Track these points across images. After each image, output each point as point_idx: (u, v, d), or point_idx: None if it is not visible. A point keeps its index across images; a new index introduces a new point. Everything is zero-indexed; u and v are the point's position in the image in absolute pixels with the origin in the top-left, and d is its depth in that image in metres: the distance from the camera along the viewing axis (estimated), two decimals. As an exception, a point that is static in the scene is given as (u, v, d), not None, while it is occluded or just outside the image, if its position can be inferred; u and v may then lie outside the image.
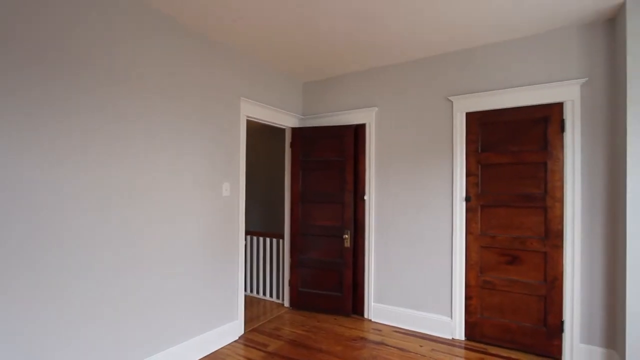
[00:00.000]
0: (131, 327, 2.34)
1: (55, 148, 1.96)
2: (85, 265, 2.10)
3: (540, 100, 2.77)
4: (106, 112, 2.19)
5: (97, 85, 2.15)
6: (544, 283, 2.79)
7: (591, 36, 2.62)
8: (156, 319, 2.49)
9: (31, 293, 1.87)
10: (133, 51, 2.34)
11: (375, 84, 3.60)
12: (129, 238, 2.32)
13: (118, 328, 2.27)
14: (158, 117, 2.50)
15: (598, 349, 2.61)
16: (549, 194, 2.75)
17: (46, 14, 1.92)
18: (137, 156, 2.37)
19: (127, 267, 2.31)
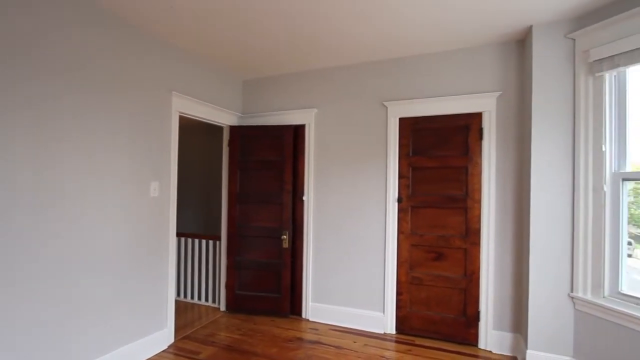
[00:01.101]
0: (41, 347, 2.07)
1: None
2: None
3: (463, 110, 3.01)
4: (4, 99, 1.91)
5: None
6: (464, 277, 3.05)
7: (506, 54, 2.92)
8: (69, 334, 2.24)
9: None
10: (50, 40, 2.07)
11: (315, 86, 3.63)
12: (32, 248, 2.05)
13: (26, 348, 1.99)
14: (68, 109, 2.25)
15: (507, 333, 2.92)
16: (469, 196, 3.01)
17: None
18: (43, 154, 2.11)
19: (31, 281, 2.04)
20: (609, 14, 2.25)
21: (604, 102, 2.30)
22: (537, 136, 2.57)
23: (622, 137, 2.28)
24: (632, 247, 3.05)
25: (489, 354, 2.92)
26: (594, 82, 2.34)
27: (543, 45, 2.56)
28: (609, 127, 2.30)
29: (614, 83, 2.30)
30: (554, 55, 2.52)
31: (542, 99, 2.56)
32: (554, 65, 2.52)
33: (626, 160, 2.27)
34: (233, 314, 3.74)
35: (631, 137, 2.25)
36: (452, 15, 2.48)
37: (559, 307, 2.53)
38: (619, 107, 2.28)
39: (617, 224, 2.29)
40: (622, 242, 2.28)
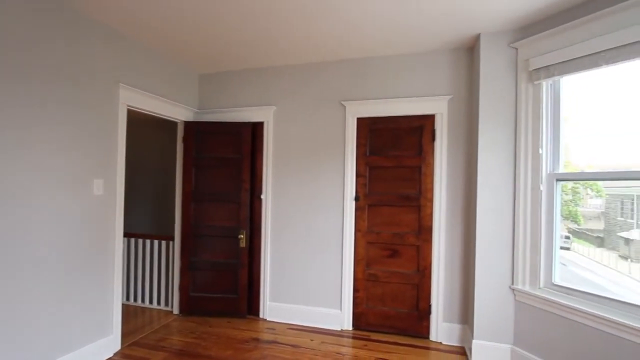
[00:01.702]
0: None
1: None
2: None
3: (418, 111, 3.12)
4: None
5: None
6: (417, 273, 3.17)
7: (457, 60, 3.06)
8: (3, 344, 2.03)
9: None
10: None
11: (275, 83, 3.58)
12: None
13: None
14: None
15: (456, 325, 3.07)
16: (423, 195, 3.13)
17: None
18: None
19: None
20: (546, 27, 2.43)
21: (541, 109, 2.49)
22: (483, 139, 2.73)
23: (556, 141, 2.48)
24: (570, 241, 3.35)
25: (439, 345, 3.06)
26: (533, 89, 2.53)
27: (489, 53, 2.71)
28: (545, 131, 2.49)
29: (550, 91, 2.49)
30: (498, 63, 2.69)
31: (488, 104, 2.71)
32: (499, 72, 2.69)
33: (559, 162, 2.47)
34: (187, 317, 3.60)
35: (563, 141, 2.45)
36: (408, 21, 2.55)
37: (502, 298, 2.70)
38: (554, 114, 2.48)
39: (551, 220, 2.49)
40: (555, 238, 2.48)
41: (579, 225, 3.24)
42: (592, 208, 3.20)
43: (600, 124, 2.58)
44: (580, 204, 3.18)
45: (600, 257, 3.13)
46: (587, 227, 3.25)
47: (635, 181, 2.63)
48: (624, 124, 2.39)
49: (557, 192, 2.47)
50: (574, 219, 3.23)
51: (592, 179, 2.53)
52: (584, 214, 3.21)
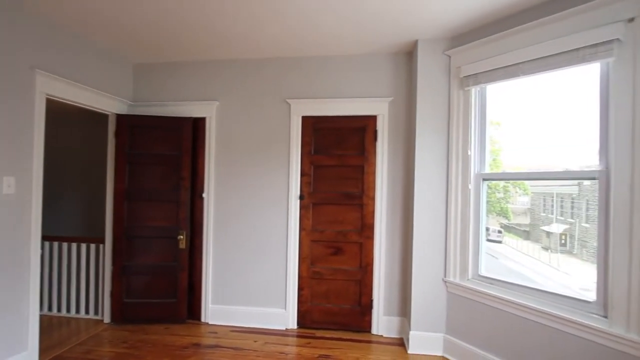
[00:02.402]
0: None
1: None
2: None
3: (361, 112, 3.19)
4: None
5: None
6: (359, 269, 3.25)
7: (398, 63, 3.18)
8: None
9: None
10: None
11: (218, 77, 3.45)
12: None
13: None
14: None
15: (395, 318, 3.21)
16: (365, 193, 3.22)
17: None
18: None
19: None
20: (475, 38, 2.61)
21: (470, 113, 2.68)
22: (420, 140, 2.87)
23: (483, 144, 2.68)
24: (502, 235, 3.66)
25: (380, 338, 3.18)
26: (464, 95, 2.71)
27: (426, 58, 2.86)
28: (473, 135, 2.69)
29: (478, 97, 2.69)
30: (434, 68, 2.84)
31: (425, 107, 2.86)
32: (435, 77, 2.84)
33: (485, 163, 2.68)
34: (120, 326, 3.34)
35: (489, 144, 2.67)
36: (352, 24, 2.60)
37: (436, 290, 2.88)
38: (481, 118, 2.68)
39: (478, 217, 2.69)
40: (481, 233, 2.69)
41: (509, 221, 3.56)
42: (520, 205, 3.54)
43: (524, 129, 2.86)
44: (511, 201, 3.50)
45: (526, 249, 3.47)
46: (516, 222, 3.58)
47: (553, 181, 2.96)
48: (543, 129, 2.67)
49: (483, 191, 2.68)
50: (505, 214, 3.54)
51: (512, 179, 2.78)
52: (513, 210, 3.53)
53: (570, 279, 2.93)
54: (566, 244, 3.09)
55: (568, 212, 2.98)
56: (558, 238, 3.10)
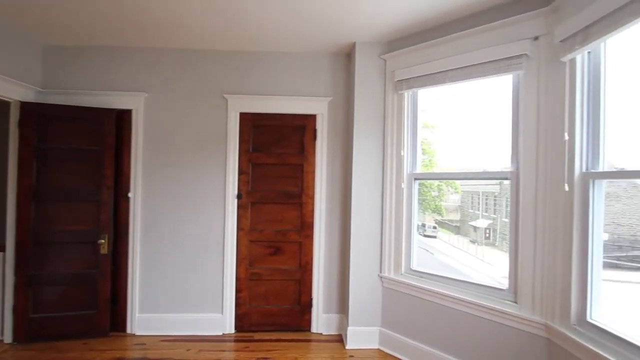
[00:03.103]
0: None
1: None
2: None
3: (301, 110, 3.19)
4: None
5: None
6: (299, 269, 3.24)
7: (337, 63, 3.23)
8: None
9: None
10: None
11: (147, 66, 3.18)
12: None
13: None
14: None
15: (334, 315, 3.26)
16: (305, 192, 3.22)
17: None
18: None
19: None
20: (408, 44, 2.75)
21: (404, 116, 2.82)
22: (357, 141, 2.95)
23: (415, 145, 2.84)
24: (436, 230, 3.93)
25: (320, 336, 3.20)
26: (398, 98, 2.84)
27: (363, 61, 2.94)
28: (406, 136, 2.83)
29: (410, 101, 2.84)
30: (371, 71, 2.94)
31: (362, 108, 2.94)
32: (371, 80, 2.94)
33: (417, 163, 2.84)
34: (26, 345, 2.91)
35: (420, 145, 2.84)
36: (293, 22, 2.57)
37: (372, 286, 2.98)
38: (413, 121, 2.84)
39: (410, 214, 2.84)
40: (413, 229, 2.85)
41: (443, 217, 3.86)
42: (452, 202, 3.85)
43: (456, 133, 3.11)
44: (444, 199, 3.79)
45: (457, 243, 3.78)
46: (449, 218, 3.89)
47: (480, 180, 3.26)
48: (471, 134, 2.92)
49: (415, 189, 2.83)
50: (439, 211, 3.82)
51: (439, 179, 3.01)
52: (446, 207, 3.83)
53: (493, 268, 3.25)
54: (490, 237, 3.43)
55: (492, 208, 3.30)
56: (483, 232, 3.43)
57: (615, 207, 2.16)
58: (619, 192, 2.17)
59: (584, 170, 1.93)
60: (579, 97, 1.92)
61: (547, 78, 2.07)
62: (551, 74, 2.05)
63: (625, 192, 2.18)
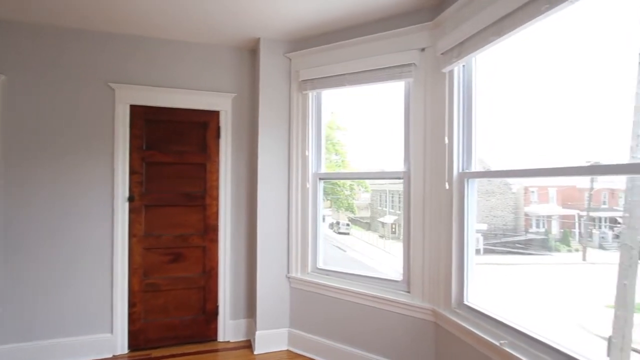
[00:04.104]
0: None
1: None
2: None
3: (203, 106, 2.98)
4: None
5: None
6: (203, 275, 3.04)
7: (241, 58, 3.10)
8: None
9: None
10: None
11: (5, 43, 2.61)
12: None
13: None
14: None
15: (242, 321, 3.14)
16: (208, 193, 3.02)
17: None
18: None
19: None
20: (312, 45, 2.77)
21: (308, 116, 2.83)
22: (263, 139, 2.88)
23: (319, 145, 2.88)
24: (349, 228, 4.06)
25: (227, 344, 3.05)
26: (302, 98, 2.85)
27: (268, 58, 2.87)
28: (310, 136, 2.85)
29: (314, 101, 2.87)
30: (276, 69, 2.89)
31: (267, 106, 2.88)
32: (277, 78, 2.89)
33: (322, 163, 2.89)
34: None
35: (323, 146, 2.89)
36: (195, 7, 2.36)
37: (280, 287, 2.94)
38: (317, 121, 2.88)
39: (315, 213, 2.88)
40: (318, 228, 2.89)
41: (355, 215, 4.01)
42: (363, 200, 4.02)
43: (364, 135, 3.25)
44: (356, 197, 3.94)
45: (368, 238, 3.96)
46: (360, 215, 4.05)
47: (384, 180, 3.46)
48: (376, 136, 3.07)
49: (319, 189, 2.88)
50: (352, 210, 3.97)
51: (342, 178, 3.13)
52: (358, 205, 3.99)
53: (398, 261, 3.49)
54: (396, 232, 3.67)
55: (397, 205, 3.54)
56: (390, 227, 3.66)
57: (491, 201, 2.49)
58: (494, 189, 2.50)
59: (461, 171, 2.17)
60: (456, 105, 2.16)
61: (432, 87, 2.28)
62: (434, 83, 2.26)
63: (499, 189, 2.52)
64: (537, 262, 2.28)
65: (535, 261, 2.29)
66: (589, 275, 2.07)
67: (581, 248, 2.06)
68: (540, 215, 2.24)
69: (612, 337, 2.03)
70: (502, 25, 1.70)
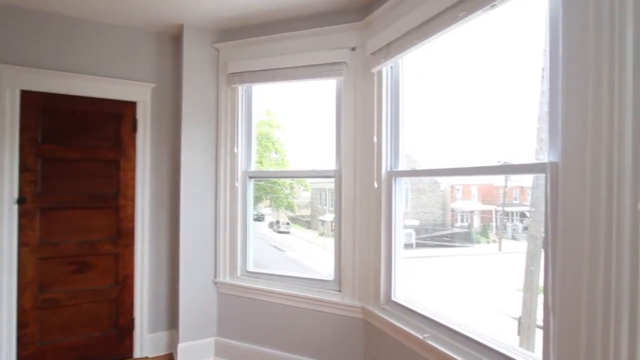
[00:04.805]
0: None
1: None
2: None
3: (116, 95, 2.64)
4: None
5: None
6: (115, 285, 2.69)
7: (163, 45, 2.82)
8: None
9: None
10: None
11: None
12: None
13: None
14: None
15: (163, 333, 2.85)
16: (122, 193, 2.69)
17: None
18: None
19: None
20: (241, 36, 2.62)
21: (237, 111, 2.68)
22: (187, 135, 2.65)
23: (249, 142, 2.74)
24: (289, 226, 3.95)
25: (145, 361, 2.75)
26: (231, 92, 2.69)
27: (193, 47, 2.66)
28: (240, 133, 2.70)
29: (244, 96, 2.73)
30: (203, 59, 2.68)
31: (192, 99, 2.66)
32: (203, 69, 2.68)
33: (252, 161, 2.75)
34: None
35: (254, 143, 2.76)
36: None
37: (206, 294, 2.73)
38: (248, 117, 2.74)
39: (245, 214, 2.73)
40: (248, 229, 2.75)
41: (295, 214, 3.93)
42: (303, 199, 3.95)
43: (301, 133, 3.17)
44: (296, 196, 3.86)
45: (309, 237, 3.90)
46: (301, 214, 3.98)
47: (322, 178, 3.42)
48: (312, 134, 3.01)
49: (250, 188, 2.74)
50: (291, 208, 3.88)
51: (273, 177, 3.03)
52: (298, 204, 3.91)
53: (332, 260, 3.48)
54: (335, 230, 3.68)
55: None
56: (329, 225, 3.64)
57: (423, 199, 2.62)
58: (425, 187, 2.63)
59: (389, 170, 2.22)
60: (384, 105, 2.19)
61: (362, 86, 2.30)
62: (365, 82, 2.28)
63: (429, 187, 2.65)
64: (462, 253, 2.50)
65: (460, 253, 2.51)
66: (504, 264, 2.30)
67: (497, 239, 2.29)
68: (464, 210, 2.44)
69: (522, 318, 2.28)
70: (425, 29, 1.76)
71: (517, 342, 2.18)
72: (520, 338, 2.21)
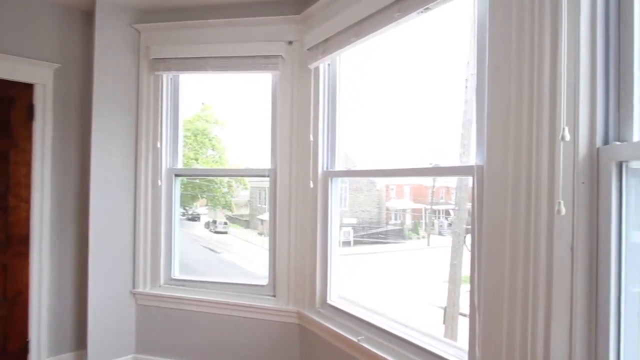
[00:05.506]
0: None
1: None
2: None
3: (6, 75, 2.20)
4: None
5: None
6: (3, 302, 2.25)
7: (70, 21, 2.42)
8: None
9: None
10: None
11: None
12: None
13: None
14: None
15: (68, 355, 2.47)
16: (13, 193, 2.25)
17: None
18: None
19: None
20: (168, 19, 2.36)
21: (161, 102, 2.41)
22: (100, 125, 2.32)
23: (176, 137, 2.49)
24: (227, 226, 3.73)
25: (42, 389, 2.33)
26: (154, 80, 2.41)
27: (108, 26, 2.32)
28: (164, 126, 2.44)
29: (170, 85, 2.47)
30: (119, 41, 2.36)
31: (105, 86, 2.32)
32: (119, 53, 2.37)
33: (179, 158, 2.51)
34: None
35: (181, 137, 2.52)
36: None
37: (122, 307, 2.42)
38: (174, 109, 2.48)
39: (170, 216, 2.48)
40: (174, 232, 2.49)
41: (233, 213, 3.73)
42: (242, 198, 3.78)
43: (241, 130, 2.99)
44: (234, 195, 3.67)
45: (247, 236, 3.72)
46: (239, 213, 3.80)
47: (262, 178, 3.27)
48: (250, 131, 2.84)
49: (176, 187, 2.49)
50: (229, 207, 3.68)
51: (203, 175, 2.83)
52: (236, 202, 3.74)
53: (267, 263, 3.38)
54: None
55: None
56: (268, 224, 3.54)
57: (360, 198, 2.66)
58: (362, 187, 2.66)
59: (325, 169, 2.16)
60: (321, 103, 2.14)
61: (299, 82, 2.21)
62: (301, 78, 2.20)
63: (366, 186, 2.68)
64: (396, 249, 2.62)
65: (394, 249, 2.62)
66: (432, 258, 2.47)
67: (426, 235, 2.42)
68: (398, 209, 2.56)
69: (447, 307, 2.44)
70: (362, 27, 1.73)
71: (443, 331, 2.34)
72: (446, 326, 2.37)
